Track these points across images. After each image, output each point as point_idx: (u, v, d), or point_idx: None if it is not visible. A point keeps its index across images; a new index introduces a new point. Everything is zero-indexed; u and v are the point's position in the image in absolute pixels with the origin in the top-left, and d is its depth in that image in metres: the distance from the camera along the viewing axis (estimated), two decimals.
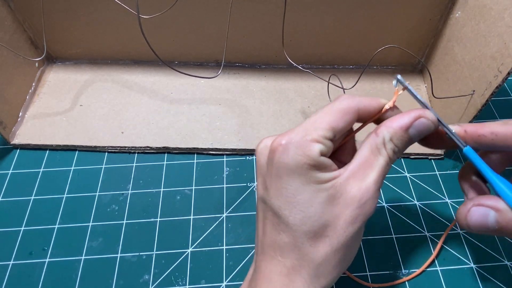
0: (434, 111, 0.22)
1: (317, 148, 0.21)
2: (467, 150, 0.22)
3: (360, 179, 0.21)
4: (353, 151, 0.25)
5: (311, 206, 0.21)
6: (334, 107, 0.22)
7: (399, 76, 0.23)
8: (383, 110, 0.23)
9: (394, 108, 0.23)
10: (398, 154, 0.22)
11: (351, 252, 0.23)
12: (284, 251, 0.22)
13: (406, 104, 0.43)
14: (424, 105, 0.23)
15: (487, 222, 0.21)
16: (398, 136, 0.22)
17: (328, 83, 0.39)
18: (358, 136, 0.25)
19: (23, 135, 0.39)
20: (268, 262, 0.23)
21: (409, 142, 0.22)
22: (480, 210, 0.21)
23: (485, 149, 0.23)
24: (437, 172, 0.38)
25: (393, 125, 0.22)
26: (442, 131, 0.23)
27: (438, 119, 0.22)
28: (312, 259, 0.21)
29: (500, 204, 0.20)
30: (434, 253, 0.32)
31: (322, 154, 0.21)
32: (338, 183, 0.21)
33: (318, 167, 0.21)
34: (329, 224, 0.21)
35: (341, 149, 0.25)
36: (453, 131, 0.22)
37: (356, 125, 0.24)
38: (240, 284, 0.31)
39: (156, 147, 0.39)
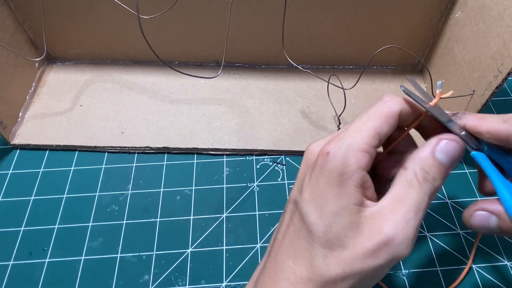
0: (448, 117, 0.21)
1: (362, 159, 0.21)
2: (474, 154, 0.21)
3: (389, 215, 0.20)
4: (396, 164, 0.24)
5: (336, 222, 0.20)
6: (376, 110, 0.22)
7: (439, 83, 0.23)
8: (422, 115, 0.22)
9: (434, 111, 0.22)
10: (435, 184, 0.21)
11: (365, 284, 0.22)
12: (298, 257, 0.22)
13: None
14: (423, 102, 0.22)
15: (489, 225, 0.21)
16: (427, 165, 0.21)
17: (328, 83, 0.40)
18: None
19: (23, 135, 0.39)
20: (279, 265, 0.22)
21: (443, 168, 0.21)
22: (483, 215, 0.21)
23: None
24: None
25: (419, 155, 0.21)
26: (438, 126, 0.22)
27: (442, 120, 0.21)
28: (321, 275, 0.21)
29: (502, 209, 0.20)
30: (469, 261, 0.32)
31: (366, 166, 0.21)
32: (366, 214, 0.21)
33: (357, 181, 0.21)
34: (347, 247, 0.20)
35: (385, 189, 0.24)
36: (463, 133, 0.21)
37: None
38: (241, 285, 0.31)
39: (156, 147, 0.39)
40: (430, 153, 0.21)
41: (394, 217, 0.20)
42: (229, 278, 0.31)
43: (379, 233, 0.20)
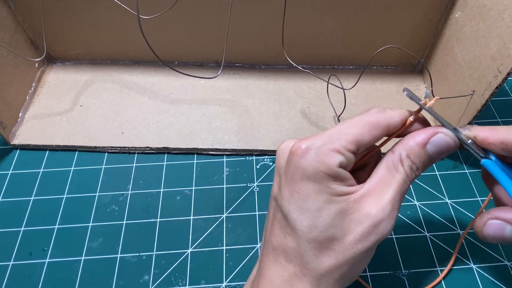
0: (452, 126, 0.21)
1: (337, 158, 0.21)
2: (484, 162, 0.21)
3: (375, 197, 0.21)
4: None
5: (320, 216, 0.21)
6: (363, 119, 0.22)
7: (427, 92, 0.23)
8: (407, 122, 0.22)
9: (420, 122, 0.22)
10: (417, 173, 0.21)
11: (357, 269, 0.22)
12: (288, 255, 0.22)
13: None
14: (442, 121, 0.22)
15: (503, 235, 0.20)
16: (415, 153, 0.21)
17: (328, 83, 0.40)
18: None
19: (23, 135, 0.39)
20: (272, 264, 0.23)
21: (429, 160, 0.21)
22: (497, 224, 0.21)
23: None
24: (437, 172, 0.38)
25: (410, 142, 0.21)
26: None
27: (453, 130, 0.21)
28: (314, 269, 0.21)
29: None
30: (450, 263, 0.32)
31: (342, 166, 0.21)
32: (352, 199, 0.21)
33: (334, 177, 0.21)
34: (336, 237, 0.21)
35: (365, 168, 0.24)
36: (469, 141, 0.21)
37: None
38: (240, 285, 0.31)
39: (156, 148, 0.39)
40: (422, 143, 0.21)
41: (381, 199, 0.21)
42: (229, 278, 0.31)
43: (368, 217, 0.21)
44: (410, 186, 0.36)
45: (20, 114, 0.40)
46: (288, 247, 0.22)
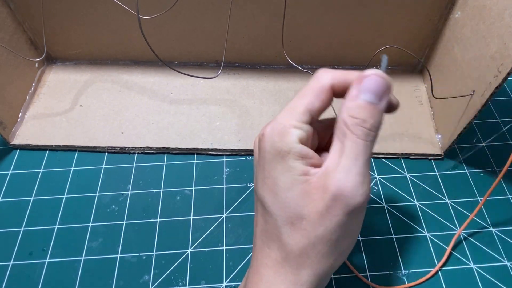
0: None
1: (294, 134, 0.21)
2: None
3: (333, 169, 0.20)
4: None
5: (288, 195, 0.21)
6: (308, 87, 0.22)
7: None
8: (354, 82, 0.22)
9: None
10: (366, 125, 0.20)
11: (339, 247, 0.21)
12: (269, 240, 0.22)
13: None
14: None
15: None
16: (354, 108, 0.20)
17: None
18: None
19: (23, 135, 0.39)
20: (258, 253, 0.23)
21: (372, 109, 0.20)
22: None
23: None
24: (437, 172, 0.38)
25: (345, 103, 0.21)
26: None
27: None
28: (291, 250, 0.21)
29: None
30: (443, 259, 0.32)
31: (302, 140, 0.21)
32: (315, 178, 0.21)
33: (296, 155, 0.21)
34: (304, 216, 0.21)
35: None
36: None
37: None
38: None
39: (156, 148, 0.39)
40: (354, 97, 0.21)
41: (336, 171, 0.20)
42: (229, 279, 0.31)
43: (327, 191, 0.20)
44: (408, 181, 0.37)
45: (20, 114, 0.40)
46: (269, 232, 0.22)
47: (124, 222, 0.34)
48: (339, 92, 0.22)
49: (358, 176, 0.20)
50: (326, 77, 0.22)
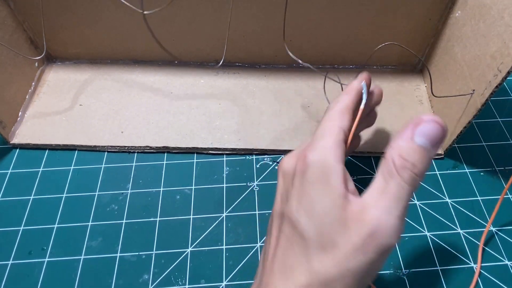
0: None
1: (337, 155, 0.22)
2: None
3: (373, 205, 0.20)
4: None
5: (325, 220, 0.20)
6: (336, 109, 0.25)
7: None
8: (360, 111, 0.27)
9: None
10: (415, 171, 0.20)
11: (363, 282, 0.21)
12: (293, 265, 0.21)
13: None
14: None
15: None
16: (405, 150, 0.20)
17: (325, 79, 0.39)
18: None
19: (22, 134, 0.39)
20: (277, 279, 0.22)
21: (423, 153, 0.20)
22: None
23: None
24: (437, 172, 0.38)
25: (396, 142, 0.21)
26: None
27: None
28: (318, 278, 0.20)
29: None
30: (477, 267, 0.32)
31: (342, 159, 0.22)
32: (353, 207, 0.21)
33: (339, 175, 0.21)
34: (338, 245, 0.20)
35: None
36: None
37: None
38: (240, 284, 0.31)
39: (156, 147, 0.39)
40: (409, 138, 0.21)
41: (377, 208, 0.20)
42: (229, 278, 0.31)
43: (364, 226, 0.20)
44: None
45: (20, 113, 0.40)
46: (295, 256, 0.21)
47: (124, 221, 0.34)
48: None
49: (397, 219, 0.20)
50: (346, 98, 0.26)
